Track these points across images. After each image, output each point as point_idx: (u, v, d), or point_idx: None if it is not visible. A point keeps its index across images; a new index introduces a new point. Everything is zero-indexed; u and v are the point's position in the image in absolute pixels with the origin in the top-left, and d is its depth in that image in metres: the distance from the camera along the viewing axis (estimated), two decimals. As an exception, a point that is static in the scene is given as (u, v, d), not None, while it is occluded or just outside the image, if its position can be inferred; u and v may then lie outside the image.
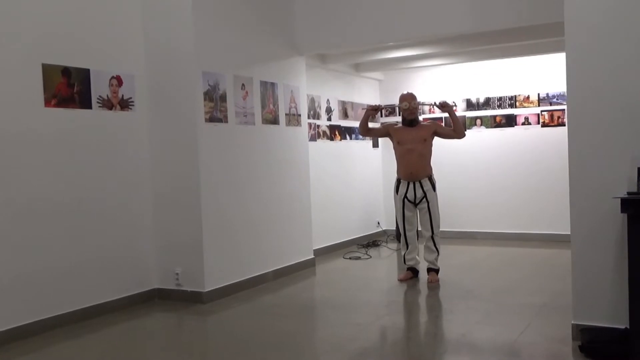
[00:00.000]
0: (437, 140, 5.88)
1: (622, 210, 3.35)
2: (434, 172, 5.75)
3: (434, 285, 5.50)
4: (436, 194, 5.64)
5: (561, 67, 4.11)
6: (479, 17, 5.51)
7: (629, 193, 3.43)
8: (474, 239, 8.10)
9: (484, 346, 3.84)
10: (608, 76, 3.61)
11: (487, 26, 5.63)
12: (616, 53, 3.58)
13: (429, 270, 5.68)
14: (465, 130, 8.13)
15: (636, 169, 3.45)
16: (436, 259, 5.67)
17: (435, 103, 5.82)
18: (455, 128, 5.66)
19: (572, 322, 3.75)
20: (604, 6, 3.60)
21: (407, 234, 5.73)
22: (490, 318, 4.43)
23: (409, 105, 5.60)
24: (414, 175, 5.55)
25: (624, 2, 3.56)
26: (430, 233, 5.63)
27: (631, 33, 3.54)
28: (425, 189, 5.57)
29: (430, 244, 5.64)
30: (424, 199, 5.58)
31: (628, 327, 3.41)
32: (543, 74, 7.76)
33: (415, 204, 5.62)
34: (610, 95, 3.60)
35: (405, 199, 5.61)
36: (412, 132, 5.60)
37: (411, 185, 5.57)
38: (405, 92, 5.79)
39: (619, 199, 3.36)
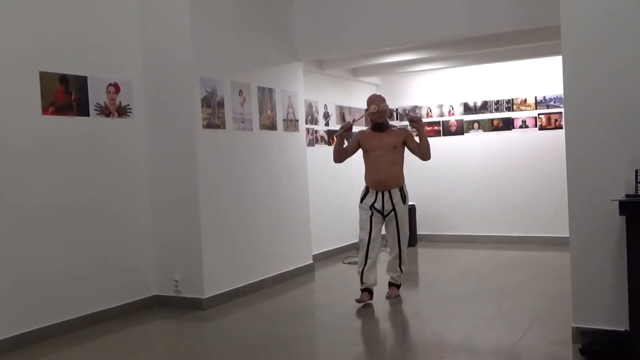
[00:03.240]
0: (436, 142, 5.86)
1: (621, 213, 3.35)
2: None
3: (394, 300, 5.13)
4: (407, 208, 5.08)
5: (558, 70, 4.13)
6: (476, 21, 5.52)
7: (627, 195, 3.44)
8: (473, 242, 8.10)
9: (484, 350, 3.84)
10: (605, 78, 3.62)
11: (484, 30, 5.64)
12: (613, 56, 3.59)
13: (391, 284, 5.24)
14: (463, 134, 8.25)
15: (634, 171, 3.46)
16: (399, 277, 5.22)
17: (406, 113, 5.27)
18: (420, 147, 5.05)
19: (572, 325, 3.75)
20: (600, 9, 3.62)
21: (370, 251, 5.02)
22: (490, 321, 4.42)
23: (377, 108, 4.97)
24: (383, 184, 4.97)
25: (620, 6, 3.57)
26: (397, 251, 5.10)
27: (627, 36, 3.55)
28: (394, 201, 4.98)
29: (396, 262, 5.14)
30: (393, 212, 5.01)
31: (628, 329, 3.41)
32: (540, 77, 7.78)
33: (383, 215, 5.04)
34: (608, 98, 3.61)
35: (373, 208, 5.02)
36: (381, 138, 5.03)
37: (379, 195, 4.99)
38: (373, 94, 5.21)
39: (617, 202, 3.37)
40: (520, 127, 7.96)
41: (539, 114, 7.85)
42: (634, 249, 3.33)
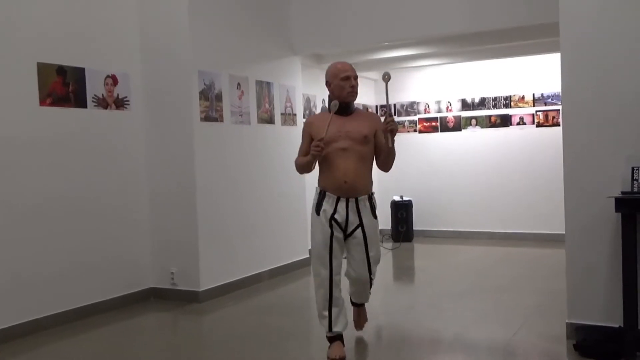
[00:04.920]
0: (434, 138, 5.74)
1: (617, 210, 3.37)
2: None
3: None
4: (377, 223, 3.64)
5: (556, 68, 4.12)
6: (474, 18, 5.52)
7: (623, 192, 3.45)
8: (469, 239, 8.11)
9: (479, 345, 3.85)
10: (602, 76, 3.62)
11: (482, 26, 5.64)
12: (610, 53, 3.60)
13: (357, 304, 3.95)
14: (461, 130, 8.25)
15: (630, 169, 3.47)
16: (366, 298, 3.92)
17: (385, 110, 3.41)
18: (383, 152, 3.55)
19: (567, 320, 3.77)
20: (598, 7, 3.62)
21: (334, 289, 3.56)
22: (485, 317, 4.44)
23: (348, 79, 3.50)
24: (350, 187, 3.47)
25: (618, 3, 3.58)
26: (367, 276, 3.67)
27: (625, 33, 3.56)
28: (362, 212, 3.52)
29: (366, 288, 3.79)
30: (359, 229, 3.53)
31: (622, 325, 3.43)
32: (538, 74, 7.78)
33: (344, 232, 3.54)
34: (605, 95, 3.62)
35: (334, 221, 3.49)
36: (345, 124, 3.50)
37: (342, 203, 3.49)
38: (339, 62, 3.64)
39: (613, 199, 3.38)
40: (518, 124, 7.97)
41: (536, 111, 7.86)
42: (629, 246, 3.35)
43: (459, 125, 8.31)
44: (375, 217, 3.62)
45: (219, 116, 5.36)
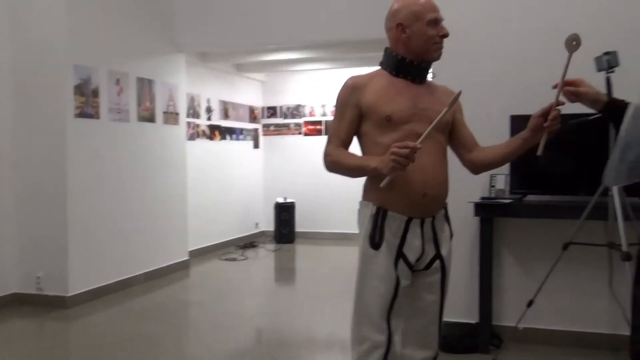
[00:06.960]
0: (317, 139, 5.62)
1: (476, 214, 3.63)
2: None
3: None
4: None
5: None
6: (349, 26, 5.67)
7: (482, 198, 3.73)
8: (349, 240, 8.34)
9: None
10: (468, 88, 3.88)
11: (358, 35, 5.80)
12: (472, 68, 3.87)
13: None
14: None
15: (488, 176, 3.75)
16: None
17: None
18: (504, 158, 2.34)
19: (431, 318, 3.99)
20: (467, 16, 3.88)
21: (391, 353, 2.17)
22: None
23: (437, 23, 2.14)
24: (431, 201, 2.17)
25: (485, 18, 3.86)
26: (434, 350, 2.31)
27: (486, 45, 3.84)
28: (439, 237, 2.24)
29: None
30: (438, 263, 2.26)
31: (478, 322, 3.69)
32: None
33: (413, 270, 2.17)
34: (467, 103, 3.88)
35: (402, 260, 2.13)
36: (422, 97, 2.16)
37: (415, 228, 2.14)
38: None
39: (473, 204, 3.64)
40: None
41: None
42: (485, 247, 3.62)
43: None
44: (451, 239, 2.32)
45: (95, 112, 5.13)
